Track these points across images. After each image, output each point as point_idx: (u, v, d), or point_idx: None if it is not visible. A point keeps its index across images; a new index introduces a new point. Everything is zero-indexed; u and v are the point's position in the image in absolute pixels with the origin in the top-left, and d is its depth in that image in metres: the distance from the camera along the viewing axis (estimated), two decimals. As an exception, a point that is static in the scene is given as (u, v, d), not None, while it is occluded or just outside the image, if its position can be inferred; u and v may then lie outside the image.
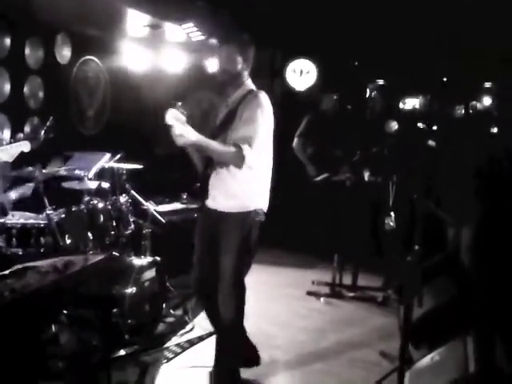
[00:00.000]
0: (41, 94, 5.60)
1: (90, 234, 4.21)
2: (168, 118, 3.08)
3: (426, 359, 3.36)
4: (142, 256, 4.53)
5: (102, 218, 4.30)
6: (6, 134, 5.18)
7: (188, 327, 4.49)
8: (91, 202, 4.32)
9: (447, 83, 8.72)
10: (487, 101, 9.72)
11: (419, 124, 7.12)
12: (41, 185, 4.09)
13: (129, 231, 4.56)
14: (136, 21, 5.63)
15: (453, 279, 4.11)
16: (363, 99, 8.52)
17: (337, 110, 6.61)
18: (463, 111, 9.77)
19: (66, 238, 4.17)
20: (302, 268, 6.34)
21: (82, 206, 4.28)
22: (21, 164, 4.23)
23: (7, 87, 5.18)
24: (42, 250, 4.02)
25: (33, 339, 2.76)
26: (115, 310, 3.88)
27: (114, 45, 6.51)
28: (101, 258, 2.94)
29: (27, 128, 5.45)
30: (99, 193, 4.50)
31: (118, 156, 4.80)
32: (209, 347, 3.96)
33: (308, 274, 5.99)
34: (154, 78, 6.96)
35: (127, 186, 4.76)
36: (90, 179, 4.48)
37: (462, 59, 7.17)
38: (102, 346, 3.58)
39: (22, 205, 4.36)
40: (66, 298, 2.87)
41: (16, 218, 4.15)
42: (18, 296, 2.43)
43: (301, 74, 7.53)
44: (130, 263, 4.20)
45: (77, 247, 4.16)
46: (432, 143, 5.90)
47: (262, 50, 3.66)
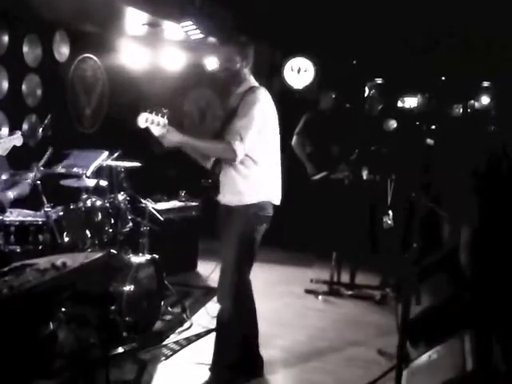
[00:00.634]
0: (39, 91, 5.60)
1: (88, 232, 4.21)
2: (140, 122, 3.11)
3: (424, 357, 3.36)
4: (140, 254, 4.54)
5: (100, 215, 4.30)
6: (4, 132, 5.18)
7: (186, 325, 4.50)
8: (89, 200, 4.32)
9: (446, 82, 8.72)
10: (485, 100, 9.72)
11: (418, 123, 7.12)
12: (39, 182, 4.10)
13: (127, 229, 4.56)
14: (134, 19, 5.62)
15: (450, 277, 4.12)
16: (362, 97, 8.52)
17: (335, 108, 6.62)
18: (461, 110, 9.77)
19: (64, 235, 4.18)
20: (300, 266, 6.35)
21: (80, 204, 4.28)
22: (19, 161, 4.24)
23: (5, 85, 5.19)
24: (40, 247, 4.03)
25: (31, 337, 2.76)
26: (113, 308, 3.88)
27: (112, 43, 6.50)
28: (99, 255, 2.93)
29: (25, 125, 5.45)
30: (97, 190, 4.50)
31: (116, 154, 4.80)
32: (207, 345, 3.97)
33: (306, 272, 6.00)
34: (152, 76, 6.95)
35: (125, 183, 4.76)
36: (88, 177, 4.48)
37: (461, 58, 7.17)
38: (100, 344, 3.58)
39: (20, 202, 4.36)
40: (64, 295, 2.87)
41: (14, 216, 4.15)
42: (16, 293, 2.42)
43: (298, 72, 7.52)
44: (128, 261, 4.20)
45: (75, 245, 4.16)
46: (430, 141, 5.90)
47: (260, 47, 3.68)
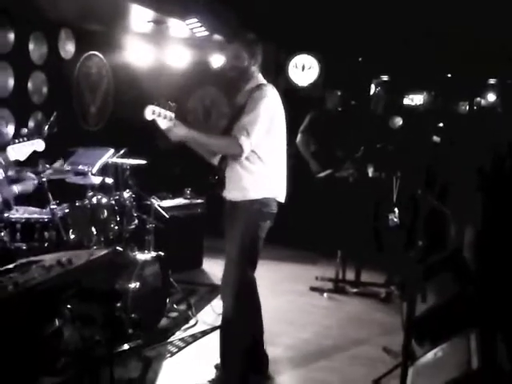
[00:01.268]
0: (44, 89, 5.61)
1: (93, 229, 4.23)
2: (147, 115, 3.10)
3: (429, 355, 3.35)
4: (146, 251, 4.54)
5: (105, 213, 4.31)
6: (10, 129, 5.20)
7: (191, 322, 4.51)
8: (95, 197, 4.33)
9: (452, 79, 8.70)
10: (491, 97, 9.69)
11: (423, 120, 7.11)
12: (45, 180, 4.11)
13: (132, 226, 4.57)
14: (140, 16, 5.61)
15: (456, 276, 4.11)
16: (367, 95, 8.50)
17: (341, 105, 6.60)
18: (467, 107, 9.75)
19: (70, 232, 4.20)
20: (305, 264, 6.34)
21: (86, 201, 4.29)
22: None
23: (11, 82, 5.19)
24: (45, 244, 4.04)
25: (36, 334, 2.76)
26: (119, 305, 3.89)
27: (117, 40, 6.50)
28: (104, 252, 2.93)
29: (31, 123, 5.46)
30: (103, 188, 4.51)
31: (122, 151, 4.81)
32: (212, 342, 3.97)
33: (311, 270, 6.00)
34: (157, 73, 6.95)
35: (130, 181, 4.77)
36: (94, 174, 4.49)
37: (467, 55, 7.15)
38: (105, 341, 3.59)
39: (25, 199, 4.37)
40: (70, 292, 2.87)
41: (20, 213, 4.16)
42: (22, 290, 2.43)
43: (303, 70, 7.51)
44: (133, 258, 4.21)
45: (80, 242, 4.17)
46: (436, 139, 5.89)
47: (266, 46, 3.67)
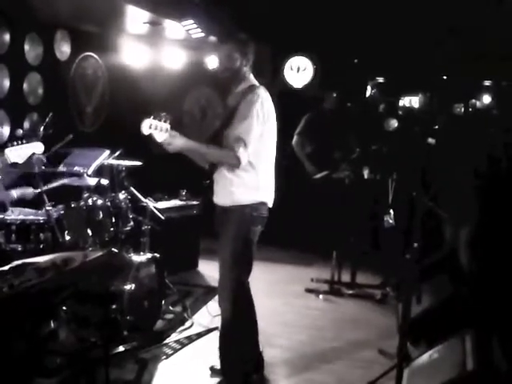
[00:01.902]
0: (40, 90, 5.60)
1: (89, 231, 4.22)
2: (144, 129, 3.10)
3: (425, 357, 3.37)
4: (141, 252, 4.54)
5: (101, 214, 4.30)
6: (6, 130, 5.19)
7: (187, 324, 4.51)
8: (90, 199, 4.32)
9: (447, 81, 8.71)
10: (487, 99, 9.71)
11: (419, 122, 7.12)
12: (40, 181, 4.10)
13: (128, 228, 4.56)
14: (135, 17, 5.61)
15: (451, 277, 4.12)
16: (363, 97, 8.51)
17: (336, 107, 6.61)
18: (463, 109, 9.76)
19: (66, 234, 4.19)
20: (301, 265, 6.35)
21: (82, 203, 4.28)
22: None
23: (6, 83, 5.18)
24: (41, 245, 4.04)
25: (31, 335, 2.76)
26: (114, 307, 3.88)
27: (113, 41, 6.50)
28: (100, 254, 2.93)
29: (26, 124, 5.45)
30: (98, 189, 4.50)
31: (117, 153, 4.80)
32: (208, 344, 3.97)
33: (307, 272, 6.00)
34: (153, 74, 6.94)
35: (126, 182, 4.76)
36: (90, 176, 4.48)
37: (462, 57, 7.17)
38: (100, 343, 3.58)
39: (21, 201, 4.37)
40: (65, 294, 2.87)
41: (15, 214, 4.15)
42: (17, 292, 2.42)
43: (298, 71, 7.51)
44: (129, 260, 4.20)
45: (76, 243, 4.17)
46: (432, 141, 5.90)
47: (261, 49, 3.66)
